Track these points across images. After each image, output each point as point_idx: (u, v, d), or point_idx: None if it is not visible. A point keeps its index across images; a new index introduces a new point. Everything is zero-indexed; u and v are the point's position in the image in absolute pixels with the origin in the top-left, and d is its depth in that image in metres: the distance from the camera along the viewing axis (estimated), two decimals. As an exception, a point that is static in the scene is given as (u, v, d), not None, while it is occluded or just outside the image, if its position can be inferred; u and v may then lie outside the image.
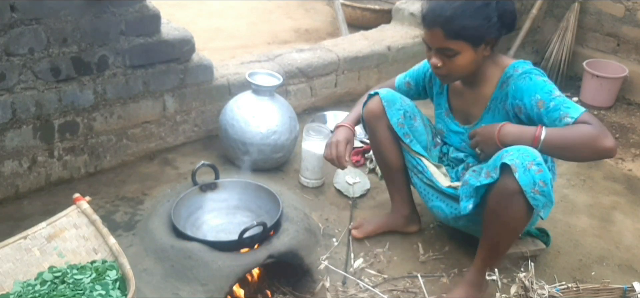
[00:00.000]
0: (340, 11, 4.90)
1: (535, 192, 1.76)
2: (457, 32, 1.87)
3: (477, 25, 1.87)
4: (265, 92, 2.66)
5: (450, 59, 1.92)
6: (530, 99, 1.91)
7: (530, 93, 1.91)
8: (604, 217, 2.65)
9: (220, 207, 2.37)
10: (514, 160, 1.77)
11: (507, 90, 1.98)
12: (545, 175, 1.77)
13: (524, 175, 1.76)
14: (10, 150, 2.31)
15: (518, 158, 1.77)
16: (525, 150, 1.79)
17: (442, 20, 1.87)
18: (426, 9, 1.94)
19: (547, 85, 1.91)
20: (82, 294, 1.71)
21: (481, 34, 1.90)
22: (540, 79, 1.93)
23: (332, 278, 2.15)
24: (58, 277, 1.76)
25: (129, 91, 2.55)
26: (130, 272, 1.77)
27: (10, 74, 2.20)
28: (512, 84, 1.96)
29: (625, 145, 3.37)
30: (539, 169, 1.76)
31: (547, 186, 1.77)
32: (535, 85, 1.91)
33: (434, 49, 1.94)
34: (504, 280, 2.17)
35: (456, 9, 1.86)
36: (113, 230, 2.24)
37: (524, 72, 1.95)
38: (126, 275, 1.77)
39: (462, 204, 1.96)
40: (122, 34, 2.44)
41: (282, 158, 2.73)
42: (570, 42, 4.06)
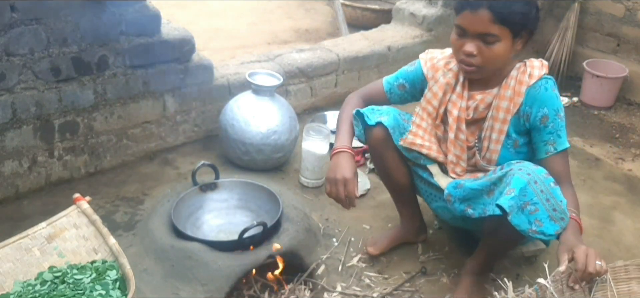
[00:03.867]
0: (340, 11, 4.90)
1: (532, 231, 1.72)
2: (505, 15, 1.76)
3: (524, 11, 1.79)
4: (265, 92, 2.66)
5: (490, 46, 1.80)
6: (538, 110, 1.87)
7: (541, 104, 1.87)
8: (604, 217, 2.65)
9: (220, 207, 2.37)
10: (509, 203, 1.70)
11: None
12: (541, 214, 1.71)
13: (518, 218, 1.71)
14: (11, 150, 2.31)
15: (512, 200, 1.70)
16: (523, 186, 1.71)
17: (492, 1, 1.76)
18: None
19: (557, 102, 1.88)
20: (82, 294, 1.71)
21: (524, 23, 1.81)
22: (554, 92, 1.88)
23: (332, 279, 2.15)
24: (58, 277, 1.76)
25: (129, 91, 2.55)
26: (130, 272, 1.77)
27: (10, 74, 2.20)
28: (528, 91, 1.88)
29: (625, 145, 3.37)
30: (535, 209, 1.70)
31: (543, 225, 1.72)
32: (549, 97, 1.87)
33: (473, 33, 1.80)
34: (504, 280, 2.18)
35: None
36: (113, 230, 2.24)
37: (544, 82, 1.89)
38: (126, 275, 1.77)
39: (456, 206, 1.93)
40: (122, 34, 2.43)
41: (282, 158, 2.73)
42: (571, 42, 4.06)
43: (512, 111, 1.89)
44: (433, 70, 2.04)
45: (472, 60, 1.83)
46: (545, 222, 1.71)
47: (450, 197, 1.94)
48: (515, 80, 1.90)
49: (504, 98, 1.90)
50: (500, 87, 1.92)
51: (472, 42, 1.81)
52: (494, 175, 1.83)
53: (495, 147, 1.94)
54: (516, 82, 1.89)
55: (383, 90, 2.14)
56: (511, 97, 1.89)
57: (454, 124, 1.98)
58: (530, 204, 1.70)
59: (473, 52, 1.81)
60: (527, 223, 1.71)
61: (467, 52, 1.82)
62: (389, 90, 2.13)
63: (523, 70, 1.90)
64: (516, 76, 1.90)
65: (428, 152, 2.03)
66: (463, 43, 1.83)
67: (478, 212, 1.85)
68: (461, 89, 1.97)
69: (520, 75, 1.89)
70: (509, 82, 1.90)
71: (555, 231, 1.73)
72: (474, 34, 1.80)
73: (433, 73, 2.04)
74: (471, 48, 1.81)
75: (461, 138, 1.98)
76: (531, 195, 1.70)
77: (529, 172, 1.72)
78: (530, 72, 1.88)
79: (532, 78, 1.87)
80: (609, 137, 3.45)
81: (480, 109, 1.95)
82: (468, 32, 1.81)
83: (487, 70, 1.87)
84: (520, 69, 1.90)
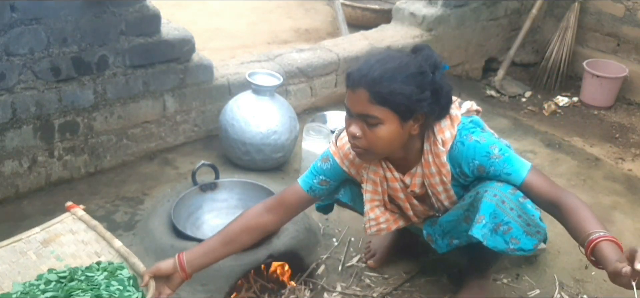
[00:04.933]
0: (340, 11, 4.90)
1: (511, 250, 1.70)
2: (384, 96, 1.60)
3: (407, 93, 1.61)
4: (265, 92, 2.66)
5: (372, 129, 1.64)
6: (468, 167, 1.73)
7: (466, 160, 1.73)
8: (604, 217, 2.65)
9: (220, 207, 2.37)
10: (481, 232, 1.67)
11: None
12: (516, 231, 1.68)
13: (493, 240, 1.69)
14: (10, 150, 2.31)
15: (484, 228, 1.67)
16: (492, 210, 1.66)
17: (369, 81, 1.60)
18: (353, 68, 1.67)
19: (480, 147, 1.71)
20: (98, 288, 1.70)
21: (411, 105, 1.62)
22: (472, 141, 1.72)
23: (332, 279, 2.15)
24: (64, 277, 1.76)
25: (129, 91, 2.55)
26: (145, 270, 1.76)
27: (10, 74, 2.20)
28: (447, 156, 1.75)
29: (625, 145, 3.37)
30: (508, 228, 1.68)
31: (520, 242, 1.69)
32: (468, 149, 1.72)
33: (356, 114, 1.65)
34: (504, 280, 2.18)
35: (387, 70, 1.61)
36: (113, 230, 2.24)
37: (457, 139, 1.74)
38: (140, 273, 1.76)
39: (439, 244, 1.90)
40: (122, 34, 2.43)
41: (282, 158, 2.73)
42: (570, 42, 4.05)
43: (447, 182, 1.79)
44: (354, 168, 1.88)
45: (357, 143, 1.68)
46: (522, 238, 1.70)
47: (431, 237, 1.92)
48: (431, 154, 1.76)
49: (432, 175, 1.79)
50: (423, 166, 1.79)
51: (356, 123, 1.66)
52: (464, 203, 1.79)
53: (452, 203, 1.86)
54: (433, 155, 1.76)
55: (303, 192, 1.88)
56: (438, 171, 1.77)
57: (406, 205, 1.90)
58: (502, 225, 1.69)
59: (356, 134, 1.66)
60: (503, 243, 1.70)
61: (351, 133, 1.68)
62: (311, 189, 1.89)
63: (433, 141, 1.75)
64: (430, 149, 1.76)
65: (397, 226, 1.98)
66: (349, 124, 1.69)
67: (464, 240, 1.83)
68: (391, 174, 1.84)
69: (433, 147, 1.75)
70: (428, 158, 1.77)
71: (534, 245, 1.70)
72: (356, 114, 1.65)
73: (356, 170, 1.88)
74: (354, 129, 1.66)
75: (418, 211, 1.93)
76: (501, 216, 1.68)
77: (495, 194, 1.69)
78: (441, 140, 1.74)
79: (445, 144, 1.73)
80: (609, 137, 3.45)
81: (416, 191, 1.86)
82: (352, 113, 1.67)
83: (376, 154, 1.72)
84: (431, 140, 1.76)
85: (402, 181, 1.84)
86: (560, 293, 2.15)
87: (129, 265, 1.80)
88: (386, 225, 1.94)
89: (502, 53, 4.12)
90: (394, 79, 1.61)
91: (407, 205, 1.90)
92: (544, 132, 3.41)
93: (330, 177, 1.89)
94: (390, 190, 1.88)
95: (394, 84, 1.60)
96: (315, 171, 1.89)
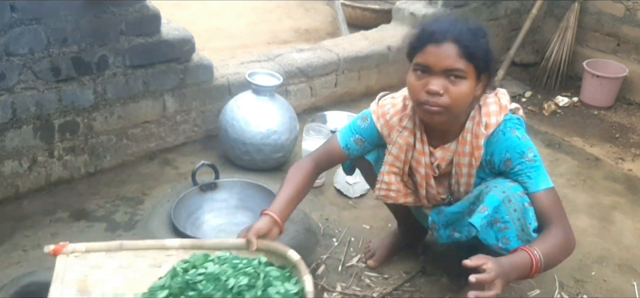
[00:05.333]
0: (340, 11, 4.90)
1: (498, 248, 1.71)
2: (471, 50, 1.63)
3: (486, 50, 1.67)
4: (265, 92, 2.66)
5: (456, 84, 1.65)
6: (499, 157, 1.74)
7: (500, 150, 1.74)
8: (604, 217, 2.65)
9: (220, 207, 2.37)
10: (480, 221, 1.68)
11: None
12: (510, 232, 1.69)
13: (485, 233, 1.70)
14: (10, 150, 2.31)
15: (485, 219, 1.68)
16: (497, 204, 1.67)
17: (457, 34, 1.63)
18: (428, 25, 1.69)
19: (520, 144, 1.73)
20: (255, 271, 1.60)
21: (487, 63, 1.68)
22: (514, 135, 1.73)
23: (332, 279, 2.15)
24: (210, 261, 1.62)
25: (129, 91, 2.55)
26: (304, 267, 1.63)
27: (10, 74, 2.20)
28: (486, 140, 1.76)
29: (625, 145, 3.37)
30: (505, 226, 1.69)
31: (510, 243, 1.69)
32: (507, 141, 1.73)
33: (438, 70, 1.65)
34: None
35: (470, 27, 1.67)
36: (113, 230, 2.24)
37: (501, 128, 1.75)
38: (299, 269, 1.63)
39: (441, 233, 1.91)
40: (122, 34, 2.44)
41: (282, 159, 2.73)
42: (570, 42, 4.05)
43: (475, 165, 1.79)
44: (387, 128, 1.89)
45: (439, 101, 1.66)
46: (513, 240, 1.70)
47: (434, 225, 1.92)
48: (471, 134, 1.77)
49: (464, 154, 1.80)
50: (458, 143, 1.80)
51: (437, 79, 1.65)
52: (471, 195, 1.80)
53: (467, 194, 1.87)
54: (472, 135, 1.76)
55: (339, 148, 1.94)
56: (470, 152, 1.78)
57: (422, 182, 1.90)
58: (500, 222, 1.69)
59: (439, 91, 1.64)
60: (494, 239, 1.71)
61: (433, 91, 1.65)
62: (346, 147, 1.93)
63: (478, 121, 1.76)
64: (472, 129, 1.77)
65: (405, 201, 1.98)
66: (426, 82, 1.66)
67: (464, 234, 1.83)
68: (421, 145, 1.85)
69: (475, 127, 1.76)
70: (466, 137, 1.78)
71: None
72: (439, 70, 1.64)
73: (388, 132, 1.89)
74: (437, 86, 1.64)
75: (432, 193, 1.93)
76: (503, 213, 1.68)
77: (504, 190, 1.69)
78: (485, 122, 1.74)
79: (488, 128, 1.74)
80: (609, 137, 3.45)
81: (442, 166, 1.86)
82: (432, 69, 1.65)
83: (452, 113, 1.70)
84: (475, 120, 1.77)
85: (431, 155, 1.85)
86: (560, 293, 2.15)
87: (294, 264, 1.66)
88: (395, 195, 1.95)
89: (502, 53, 4.11)
90: (477, 34, 1.67)
91: (424, 183, 1.89)
92: (544, 132, 3.41)
93: (365, 137, 1.92)
94: (414, 161, 1.88)
95: (477, 39, 1.66)
96: (352, 129, 1.94)
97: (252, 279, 1.56)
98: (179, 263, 1.64)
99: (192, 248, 1.71)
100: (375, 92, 2.11)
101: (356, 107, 3.39)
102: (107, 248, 1.67)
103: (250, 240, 1.68)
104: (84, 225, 2.26)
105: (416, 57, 1.69)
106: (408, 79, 1.73)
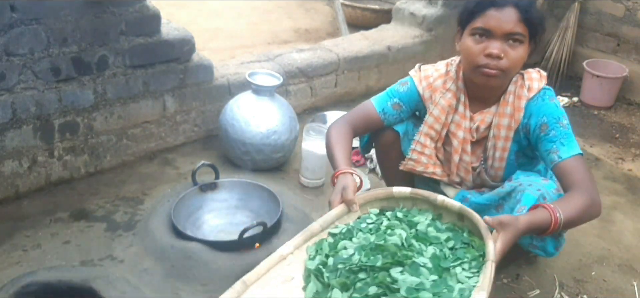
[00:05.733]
0: (340, 11, 4.90)
1: (533, 246, 1.74)
2: (529, 15, 1.71)
3: (541, 16, 1.76)
4: (265, 92, 2.66)
5: (514, 46, 1.72)
6: (537, 119, 1.82)
7: (539, 113, 1.82)
8: (604, 217, 2.65)
9: (220, 207, 2.37)
10: None
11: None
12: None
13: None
14: (10, 150, 2.31)
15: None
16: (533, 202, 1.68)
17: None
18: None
19: (558, 111, 1.82)
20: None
21: (540, 28, 1.76)
22: (552, 102, 1.83)
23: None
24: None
25: (129, 91, 2.55)
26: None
27: (10, 74, 2.20)
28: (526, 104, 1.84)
29: (625, 145, 3.37)
30: None
31: (544, 241, 1.72)
32: (546, 106, 1.82)
33: (499, 34, 1.71)
34: (504, 280, 2.18)
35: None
36: (113, 230, 2.24)
37: (542, 93, 1.85)
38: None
39: None
40: (122, 34, 2.44)
41: (282, 159, 2.73)
42: (570, 42, 4.06)
43: (514, 128, 1.84)
44: (430, 90, 1.94)
45: (499, 64, 1.73)
46: (547, 238, 1.72)
47: None
48: (513, 95, 1.84)
49: (504, 115, 1.85)
50: (499, 105, 1.86)
51: (497, 43, 1.72)
52: (502, 190, 1.82)
53: (500, 164, 1.91)
54: (515, 97, 1.84)
55: (375, 112, 1.97)
56: (511, 113, 1.84)
57: (459, 146, 1.93)
58: None
59: (500, 54, 1.71)
60: (528, 238, 1.72)
61: (494, 54, 1.72)
62: (383, 111, 1.97)
63: (521, 84, 1.84)
64: (514, 91, 1.84)
65: (432, 175, 1.99)
66: (486, 46, 1.73)
67: None
68: (463, 108, 1.90)
69: (518, 89, 1.84)
70: (508, 98, 1.85)
71: (556, 248, 1.74)
72: (500, 34, 1.72)
73: (430, 93, 1.94)
74: (497, 50, 1.71)
75: (465, 160, 1.94)
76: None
77: (539, 188, 1.71)
78: (529, 86, 1.83)
79: (531, 91, 1.83)
80: (609, 137, 3.45)
81: (481, 129, 1.90)
82: (493, 33, 1.72)
83: (508, 77, 1.79)
84: (518, 83, 1.84)
85: (471, 119, 1.90)
86: (560, 293, 2.15)
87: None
88: (426, 161, 1.97)
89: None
90: (531, 1, 1.74)
91: (460, 148, 1.92)
92: (544, 132, 3.41)
93: (404, 101, 1.97)
94: (453, 125, 1.92)
95: (533, 5, 1.73)
96: (391, 93, 1.99)
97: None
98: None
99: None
100: (375, 92, 2.11)
101: (356, 107, 3.40)
102: None
103: (352, 201, 1.65)
104: (84, 225, 2.26)
105: (475, 21, 1.76)
106: (464, 44, 1.79)
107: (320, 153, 2.60)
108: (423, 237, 1.59)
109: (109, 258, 2.08)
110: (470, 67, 1.79)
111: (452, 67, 1.94)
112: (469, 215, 1.59)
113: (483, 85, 1.82)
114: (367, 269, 1.47)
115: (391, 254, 1.50)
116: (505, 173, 1.92)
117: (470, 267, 1.50)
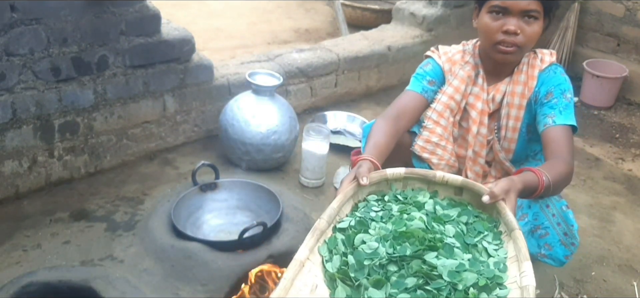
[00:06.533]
0: (340, 11, 4.90)
1: (541, 255, 1.75)
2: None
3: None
4: (265, 92, 2.66)
5: (530, 23, 1.79)
6: (547, 88, 1.88)
7: (549, 83, 1.88)
8: (604, 217, 2.65)
9: (220, 207, 2.37)
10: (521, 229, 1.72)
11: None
12: (552, 238, 1.73)
13: (528, 242, 1.66)
14: (10, 150, 2.31)
15: (525, 226, 1.72)
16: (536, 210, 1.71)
17: None
18: None
19: (565, 84, 1.88)
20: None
21: (554, 4, 1.83)
22: (563, 76, 1.91)
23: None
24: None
25: (129, 91, 2.55)
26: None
27: (10, 74, 2.20)
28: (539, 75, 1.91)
29: (625, 145, 3.37)
30: (545, 232, 1.73)
31: (553, 249, 1.74)
32: (557, 77, 1.89)
33: (516, 11, 1.78)
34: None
35: None
36: (113, 230, 2.24)
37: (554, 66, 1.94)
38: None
39: None
40: (122, 34, 2.44)
41: (282, 159, 2.73)
42: (571, 42, 4.06)
43: (527, 96, 1.89)
44: (450, 63, 2.02)
45: (516, 40, 1.80)
46: (555, 246, 1.74)
47: None
48: (527, 66, 1.92)
49: (518, 83, 1.91)
50: (513, 75, 1.93)
51: (515, 20, 1.79)
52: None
53: (513, 135, 1.94)
54: (529, 66, 1.91)
55: (417, 94, 2.00)
56: (525, 81, 1.90)
57: (477, 118, 1.97)
58: (541, 228, 1.73)
59: (517, 31, 1.79)
60: (536, 247, 1.74)
61: (510, 30, 1.79)
62: (423, 91, 2.01)
63: (534, 57, 1.92)
64: (528, 62, 1.92)
65: (443, 147, 1.99)
66: (503, 23, 1.80)
67: None
68: (482, 81, 1.96)
69: (531, 61, 1.92)
70: (521, 68, 1.92)
71: (565, 256, 1.74)
72: (517, 11, 1.78)
73: (451, 66, 2.02)
74: (515, 26, 1.78)
75: (482, 133, 1.98)
76: (542, 219, 1.72)
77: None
78: (541, 58, 1.92)
79: (544, 63, 1.90)
80: (609, 137, 3.45)
81: (497, 99, 1.95)
82: (510, 10, 1.79)
83: (523, 52, 1.87)
84: (531, 56, 1.93)
85: (487, 92, 1.96)
86: (560, 293, 2.15)
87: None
88: (441, 132, 1.98)
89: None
90: None
91: (478, 119, 1.96)
92: (544, 132, 3.41)
93: (434, 76, 2.03)
94: (472, 96, 1.97)
95: None
96: (420, 76, 2.04)
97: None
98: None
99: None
100: (375, 92, 2.12)
101: (356, 107, 3.40)
102: None
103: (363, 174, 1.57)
104: (84, 225, 2.26)
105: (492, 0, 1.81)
106: (481, 21, 1.86)
107: (320, 154, 2.61)
108: (437, 217, 1.51)
109: (109, 258, 2.08)
110: (489, 44, 1.86)
111: (468, 46, 2.03)
112: (471, 187, 1.55)
113: (501, 61, 1.89)
114: (397, 260, 1.37)
115: (419, 240, 1.41)
116: (517, 146, 1.94)
117: (494, 239, 1.45)
